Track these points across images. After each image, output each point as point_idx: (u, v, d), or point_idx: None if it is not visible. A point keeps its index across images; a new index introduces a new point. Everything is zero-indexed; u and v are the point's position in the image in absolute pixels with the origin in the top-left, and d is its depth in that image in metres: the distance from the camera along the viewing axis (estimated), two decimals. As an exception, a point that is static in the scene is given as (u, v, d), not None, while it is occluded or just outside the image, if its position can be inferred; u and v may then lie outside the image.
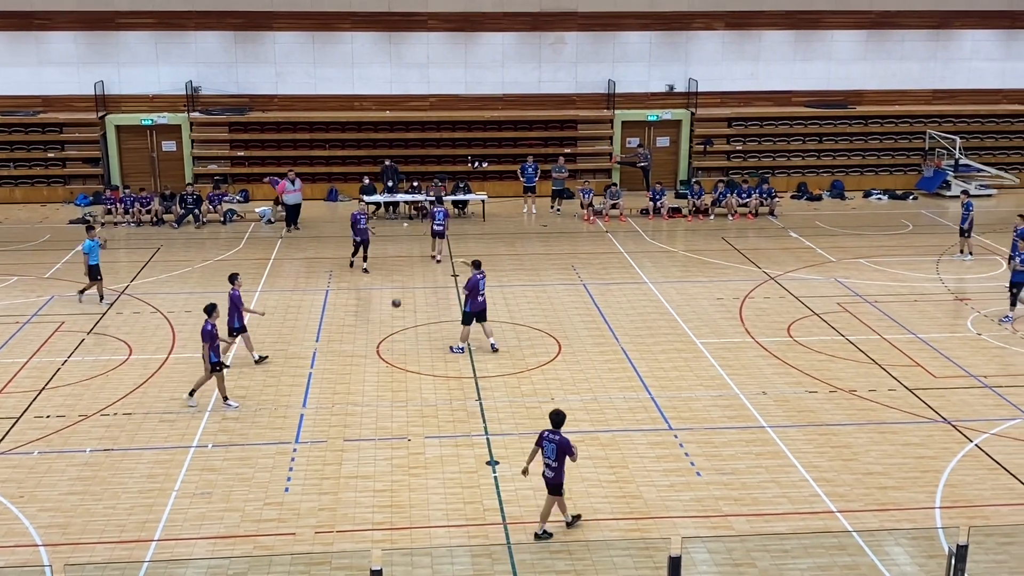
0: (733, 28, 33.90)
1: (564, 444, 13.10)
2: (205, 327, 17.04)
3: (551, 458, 13.14)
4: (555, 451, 13.10)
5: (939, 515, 13.89)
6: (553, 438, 13.18)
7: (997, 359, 19.39)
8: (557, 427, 13.26)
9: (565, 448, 13.08)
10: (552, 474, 13.17)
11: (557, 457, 13.09)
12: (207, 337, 16.95)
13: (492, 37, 33.43)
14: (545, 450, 13.23)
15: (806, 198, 33.35)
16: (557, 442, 13.12)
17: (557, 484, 13.17)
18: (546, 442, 13.24)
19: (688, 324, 21.32)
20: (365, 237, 24.81)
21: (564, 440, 13.14)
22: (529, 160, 31.70)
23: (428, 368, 19.05)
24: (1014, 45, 34.84)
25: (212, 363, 17.05)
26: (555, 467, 13.12)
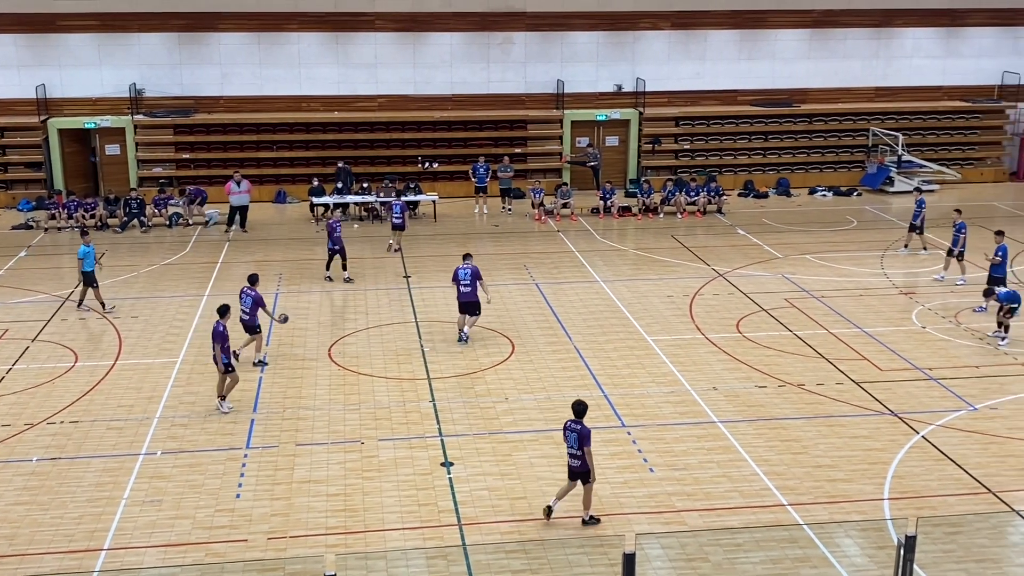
0: (679, 28, 34.16)
1: (585, 434, 13.42)
2: (216, 328, 16.93)
3: (574, 447, 13.49)
4: (577, 440, 13.44)
5: (887, 506, 14.12)
6: (575, 427, 13.51)
7: (942, 352, 19.75)
8: (579, 417, 13.56)
9: (584, 437, 13.43)
10: (576, 463, 13.50)
11: (579, 446, 13.43)
12: (219, 338, 16.82)
13: (440, 37, 33.37)
14: (568, 440, 13.58)
15: (753, 196, 33.72)
16: (579, 431, 13.45)
17: (584, 472, 13.47)
18: (569, 432, 13.59)
19: (639, 322, 21.46)
20: (342, 246, 24.22)
21: (586, 429, 13.46)
22: (480, 160, 31.69)
23: (381, 370, 18.97)
24: (954, 43, 35.52)
25: (224, 364, 16.92)
26: (578, 455, 13.46)
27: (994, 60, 35.69)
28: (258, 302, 18.95)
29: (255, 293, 18.99)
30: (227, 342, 16.98)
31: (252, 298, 18.92)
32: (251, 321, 18.94)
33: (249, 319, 18.91)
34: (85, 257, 21.77)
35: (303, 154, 33.13)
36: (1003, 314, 20.11)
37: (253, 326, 18.98)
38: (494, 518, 13.77)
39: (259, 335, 19.16)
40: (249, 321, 18.94)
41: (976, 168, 35.54)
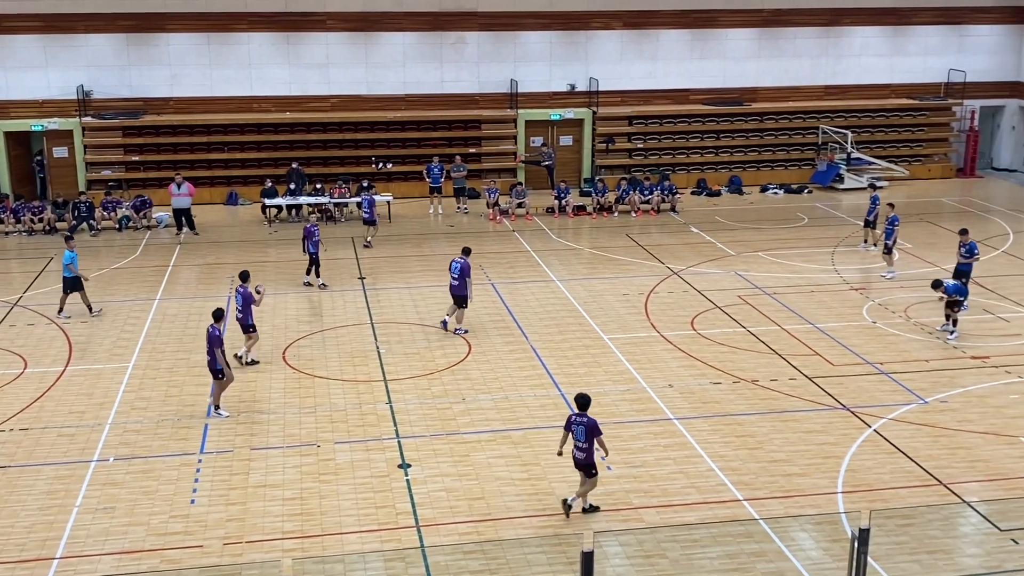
0: (631, 28, 34.33)
1: (592, 425, 13.58)
2: (213, 332, 16.77)
3: (581, 440, 13.64)
4: (584, 433, 13.60)
5: (841, 500, 14.30)
6: (581, 420, 13.66)
7: (892, 346, 20.04)
8: (583, 409, 13.73)
9: (593, 429, 13.54)
10: (583, 455, 13.65)
11: (587, 439, 13.59)
12: (216, 343, 16.70)
13: (392, 37, 33.25)
14: (575, 433, 13.70)
15: (706, 194, 33.99)
16: (585, 424, 13.60)
17: (589, 464, 13.63)
18: (575, 425, 13.72)
19: (595, 320, 21.54)
20: (317, 251, 23.80)
21: (591, 421, 13.61)
22: (434, 160, 31.62)
23: (336, 373, 18.85)
24: (900, 41, 36.05)
25: (216, 369, 16.77)
26: (585, 448, 13.62)
27: (940, 58, 36.30)
28: (248, 299, 19.01)
29: (244, 290, 19.09)
30: (222, 346, 16.86)
31: (242, 295, 19.01)
32: (245, 320, 18.99)
33: (243, 317, 18.97)
34: (71, 262, 21.44)
35: (255, 155, 32.83)
36: (949, 307, 20.44)
37: (247, 325, 19.03)
38: (452, 519, 13.75)
39: (255, 334, 19.17)
40: (243, 320, 18.99)
41: (924, 165, 36.11)
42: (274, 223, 30.09)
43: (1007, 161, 37.47)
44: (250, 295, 19.14)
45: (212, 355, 16.71)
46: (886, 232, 24.41)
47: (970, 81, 36.01)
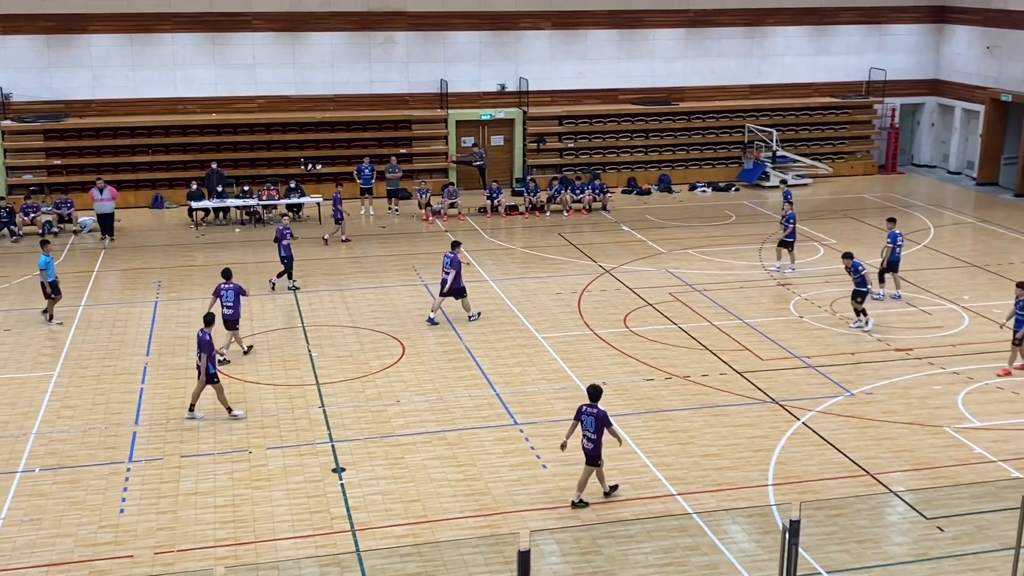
0: (560, 28, 34.49)
1: (602, 416, 13.84)
2: (203, 337, 16.55)
3: (590, 430, 13.88)
4: (594, 423, 13.85)
5: (772, 492, 14.54)
6: (591, 411, 13.93)
7: (819, 340, 20.43)
8: (594, 400, 14.00)
9: (603, 420, 13.79)
10: (591, 445, 13.90)
11: (596, 429, 13.83)
12: (206, 347, 16.46)
13: (320, 37, 32.95)
14: (584, 423, 13.98)
15: (636, 193, 34.29)
16: (595, 415, 13.86)
17: (595, 455, 13.89)
18: (585, 416, 13.99)
19: (529, 319, 21.60)
20: (290, 254, 23.47)
21: (602, 412, 13.89)
22: (365, 161, 31.41)
23: (267, 377, 18.63)
24: (822, 41, 36.76)
25: (210, 374, 16.51)
26: (594, 439, 13.86)
27: (861, 57, 37.09)
28: (239, 292, 19.32)
29: (235, 285, 19.35)
30: (213, 350, 16.65)
31: (234, 290, 19.22)
32: (234, 315, 19.21)
33: (233, 313, 19.18)
34: (47, 267, 21.11)
35: (180, 158, 32.27)
36: (854, 299, 20.87)
37: (235, 320, 19.26)
38: (388, 522, 13.68)
39: (237, 331, 19.40)
40: (232, 315, 19.20)
41: (847, 162, 36.85)
42: (201, 226, 29.63)
43: (927, 157, 38.44)
44: (241, 288, 19.50)
45: (205, 360, 16.49)
46: (784, 228, 24.81)
47: (890, 79, 36.86)
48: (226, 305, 19.21)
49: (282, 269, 23.66)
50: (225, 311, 19.21)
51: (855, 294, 20.89)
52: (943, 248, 27.22)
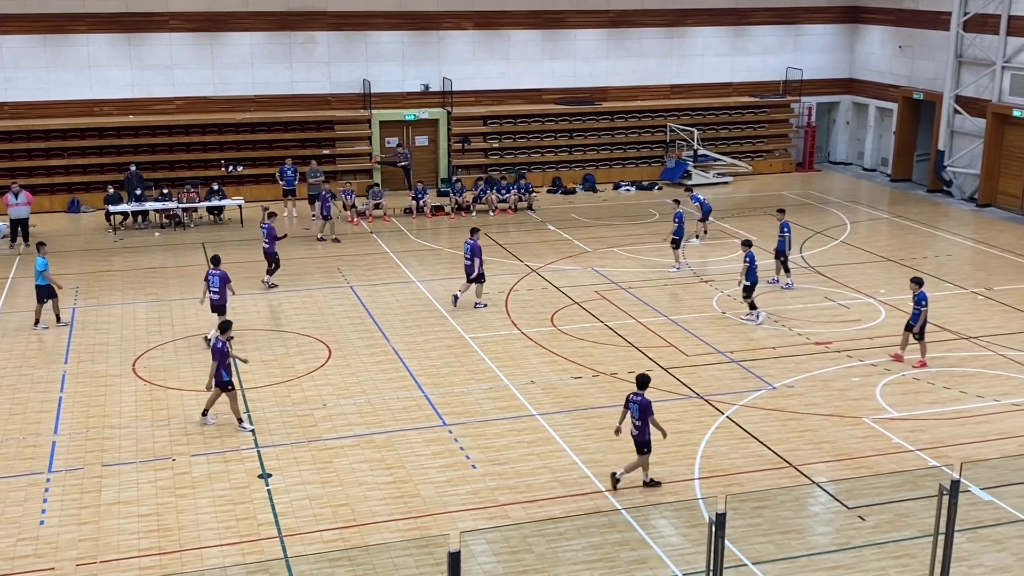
0: (482, 28, 34.52)
1: (645, 405, 14.25)
2: (216, 345, 16.21)
3: (636, 417, 14.32)
4: (639, 411, 14.26)
5: (698, 486, 14.75)
6: (637, 399, 14.33)
7: (741, 335, 20.78)
8: (642, 389, 14.41)
9: (646, 408, 14.23)
10: (637, 432, 14.32)
11: (641, 416, 14.24)
12: (218, 355, 16.08)
13: (239, 37, 32.49)
14: (631, 411, 14.40)
15: (561, 192, 34.48)
16: (640, 403, 14.26)
17: (643, 442, 14.28)
18: (632, 403, 14.41)
19: (456, 320, 21.58)
20: (273, 248, 23.59)
21: (646, 401, 14.28)
22: (287, 163, 31.05)
23: (190, 383, 18.31)
24: (740, 41, 37.38)
25: (224, 381, 16.11)
26: (640, 426, 14.27)
27: (778, 57, 37.80)
28: (224, 280, 19.79)
29: (221, 272, 19.83)
30: (227, 359, 16.27)
31: (219, 277, 19.74)
32: (220, 300, 19.75)
33: (219, 298, 19.72)
34: (45, 269, 20.87)
35: (97, 161, 31.55)
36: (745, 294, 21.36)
37: (222, 306, 19.74)
38: (316, 527, 13.56)
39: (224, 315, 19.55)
40: (218, 300, 19.74)
41: (766, 160, 37.53)
42: (119, 230, 29.00)
43: (843, 155, 39.35)
44: (227, 276, 19.86)
45: (216, 367, 16.17)
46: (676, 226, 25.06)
47: (806, 79, 37.63)
48: (212, 290, 19.81)
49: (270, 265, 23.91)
50: (212, 296, 19.84)
51: (747, 289, 21.35)
52: (859, 243, 27.89)
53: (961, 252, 27.31)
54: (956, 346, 20.15)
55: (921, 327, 18.95)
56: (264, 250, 23.38)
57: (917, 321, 18.96)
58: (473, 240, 22.12)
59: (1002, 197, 31.85)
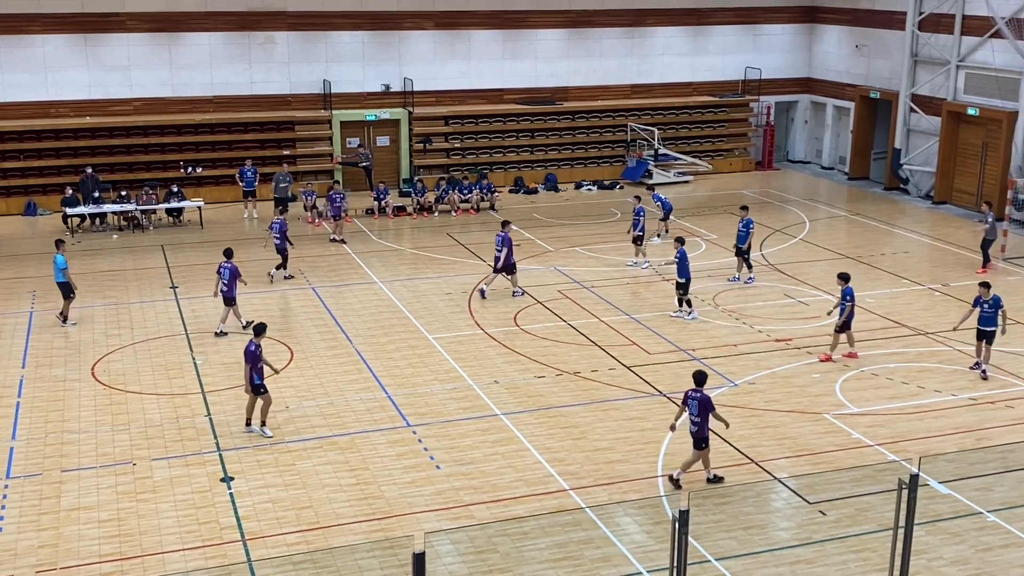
0: (443, 28, 34.47)
1: (705, 401, 14.28)
2: (249, 348, 15.90)
3: (695, 414, 14.29)
4: (698, 407, 14.27)
5: (662, 483, 14.83)
6: (696, 395, 14.35)
7: (702, 333, 20.92)
8: (700, 385, 14.43)
9: (706, 404, 14.23)
10: (695, 428, 14.31)
11: (700, 413, 14.24)
12: (251, 358, 15.80)
13: (198, 37, 32.20)
14: (690, 407, 14.39)
15: (523, 192, 34.52)
16: (699, 399, 14.29)
17: (701, 438, 14.29)
18: (690, 400, 14.41)
19: (420, 320, 21.54)
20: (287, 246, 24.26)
21: (705, 397, 14.34)
22: (247, 164, 30.82)
23: (150, 387, 18.14)
24: (700, 41, 37.62)
25: (255, 385, 15.87)
26: (698, 422, 14.27)
27: (737, 56, 38.09)
28: (235, 273, 20.53)
29: (232, 265, 20.54)
30: (260, 362, 16.01)
31: (230, 270, 20.46)
32: (229, 292, 20.54)
33: (228, 290, 20.51)
34: (66, 267, 21.09)
35: (53, 163, 31.14)
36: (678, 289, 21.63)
37: (231, 297, 20.57)
38: (279, 530, 13.48)
39: (235, 306, 20.71)
40: (228, 292, 20.54)
41: (725, 159, 37.82)
42: (77, 233, 28.65)
43: (801, 153, 39.75)
44: (237, 270, 20.58)
45: (249, 371, 15.94)
46: (633, 222, 25.26)
47: (765, 78, 37.97)
48: (223, 282, 20.52)
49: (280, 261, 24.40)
50: (222, 288, 20.55)
51: (679, 285, 21.59)
52: (818, 241, 28.17)
53: (918, 249, 27.68)
54: (914, 342, 20.42)
55: (845, 321, 19.17)
56: (276, 246, 23.83)
57: (841, 316, 19.17)
58: (504, 232, 22.82)
59: (957, 194, 32.32)
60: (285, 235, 24.07)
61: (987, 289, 18.66)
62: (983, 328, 18.59)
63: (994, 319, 18.47)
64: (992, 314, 18.45)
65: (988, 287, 18.72)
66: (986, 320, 18.52)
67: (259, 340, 16.25)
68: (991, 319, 18.46)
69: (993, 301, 18.48)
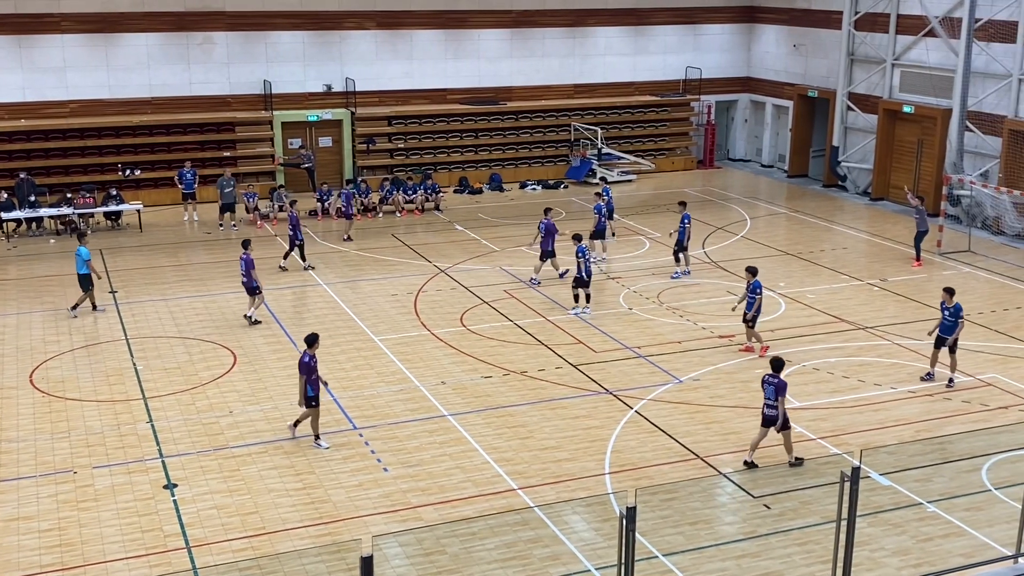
0: (385, 28, 34.31)
1: (780, 385, 14.96)
2: (303, 359, 15.49)
3: (771, 399, 15.00)
4: (773, 392, 14.96)
5: (609, 481, 14.92)
6: (772, 380, 15.00)
7: (648, 330, 21.08)
8: (776, 371, 15.09)
9: (780, 389, 14.94)
10: (771, 412, 15.03)
11: (774, 397, 14.93)
12: (304, 370, 15.41)
13: (135, 38, 31.68)
14: (766, 392, 15.08)
15: (468, 192, 34.49)
16: (775, 384, 14.93)
17: (773, 419, 15.04)
18: (766, 385, 15.09)
19: (365, 322, 21.42)
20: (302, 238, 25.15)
21: (781, 383, 14.98)
22: (187, 165, 30.40)
23: (90, 393, 17.82)
24: (641, 41, 37.89)
25: (309, 397, 15.47)
26: (773, 405, 14.98)
27: (678, 56, 38.43)
28: (249, 264, 20.99)
29: (247, 256, 21.07)
30: (314, 374, 15.61)
31: (245, 261, 21.04)
32: (249, 283, 21.12)
33: (247, 280, 21.12)
34: (90, 259, 21.68)
35: (-13, 166, 30.47)
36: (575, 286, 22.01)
37: (252, 287, 21.13)
38: (225, 536, 13.33)
39: (260, 294, 21.33)
40: (247, 283, 21.16)
41: (668, 158, 38.13)
42: (12, 238, 28.05)
43: (741, 152, 40.23)
44: (252, 261, 21.02)
45: (303, 383, 15.59)
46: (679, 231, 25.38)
47: (706, 78, 38.35)
48: (242, 274, 21.26)
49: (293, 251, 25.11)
50: (242, 278, 21.28)
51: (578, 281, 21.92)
52: (759, 238, 28.54)
53: (856, 245, 28.16)
54: (853, 336, 20.77)
55: (753, 315, 19.45)
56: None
57: (750, 310, 19.45)
58: (548, 220, 24.04)
59: (894, 191, 32.93)
60: (297, 226, 24.90)
61: (950, 296, 18.22)
62: (942, 335, 18.20)
63: (953, 328, 18.03)
64: (952, 323, 18.06)
65: (952, 293, 18.27)
66: (946, 328, 18.09)
67: (312, 351, 15.86)
68: (951, 328, 18.02)
69: (954, 309, 18.07)
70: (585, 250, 21.94)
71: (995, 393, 17.97)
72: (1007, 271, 25.28)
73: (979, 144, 29.89)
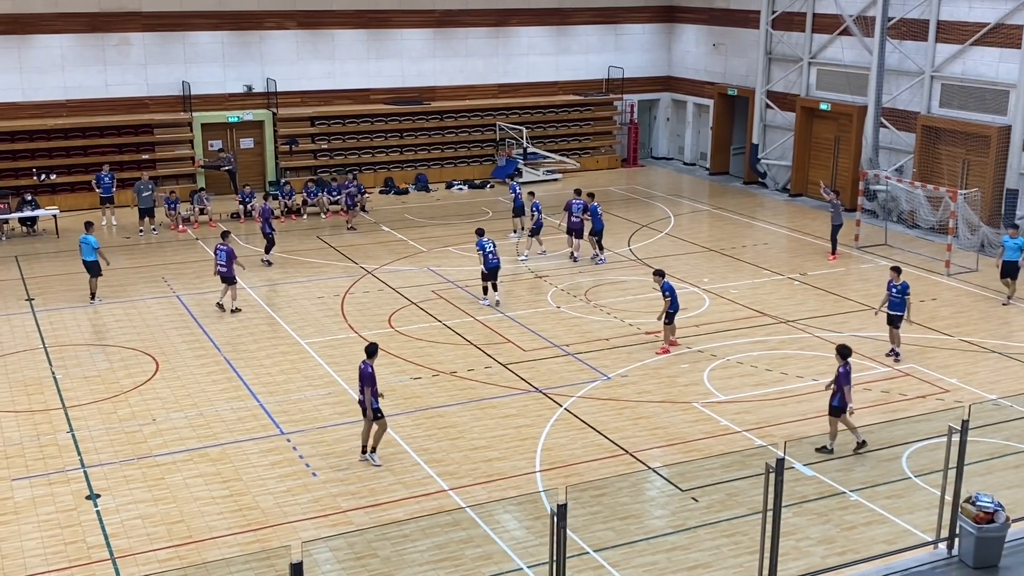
0: (305, 28, 33.96)
1: (842, 374, 15.45)
2: (365, 370, 14.92)
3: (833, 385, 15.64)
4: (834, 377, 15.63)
5: (540, 479, 14.98)
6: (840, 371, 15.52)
7: (576, 328, 21.21)
8: (844, 358, 15.55)
9: (840, 377, 15.47)
10: (835, 399, 15.57)
11: (835, 382, 15.53)
12: (368, 380, 14.83)
13: (48, 39, 30.87)
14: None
15: (393, 192, 34.32)
16: (839, 371, 15.51)
17: (836, 406, 15.53)
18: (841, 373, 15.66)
19: (291, 326, 21.19)
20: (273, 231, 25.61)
21: (843, 370, 15.46)
22: (104, 169, 29.73)
23: (7, 403, 17.32)
24: (563, 41, 38.10)
25: (374, 409, 14.91)
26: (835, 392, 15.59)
27: (600, 56, 38.72)
28: (231, 255, 21.58)
29: (227, 247, 21.67)
30: (376, 385, 15.01)
31: (226, 252, 21.60)
32: (227, 272, 21.59)
33: (226, 271, 21.58)
34: (98, 247, 22.39)
35: None
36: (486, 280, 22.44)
37: (230, 277, 21.60)
38: (150, 546, 13.07)
39: (235, 285, 21.78)
40: (226, 272, 21.60)
41: (592, 156, 38.40)
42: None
43: (664, 150, 40.69)
44: (233, 252, 21.63)
45: (368, 395, 15.02)
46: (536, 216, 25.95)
47: (628, 77, 38.70)
48: (219, 263, 21.72)
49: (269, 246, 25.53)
50: (219, 268, 21.74)
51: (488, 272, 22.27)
52: (682, 235, 28.91)
53: (777, 240, 28.69)
54: (775, 330, 21.16)
55: (669, 313, 19.75)
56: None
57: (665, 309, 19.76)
58: (581, 200, 25.72)
59: (812, 187, 33.58)
60: (268, 220, 25.37)
61: (897, 274, 19.54)
62: (891, 312, 19.50)
63: (902, 304, 19.33)
64: (899, 300, 19.32)
65: (899, 272, 19.63)
66: (894, 305, 19.43)
67: (372, 361, 15.40)
68: (899, 304, 19.34)
69: (901, 287, 19.32)
70: (484, 244, 22.19)
71: (913, 383, 18.47)
72: (922, 263, 25.99)
73: (894, 140, 30.67)
